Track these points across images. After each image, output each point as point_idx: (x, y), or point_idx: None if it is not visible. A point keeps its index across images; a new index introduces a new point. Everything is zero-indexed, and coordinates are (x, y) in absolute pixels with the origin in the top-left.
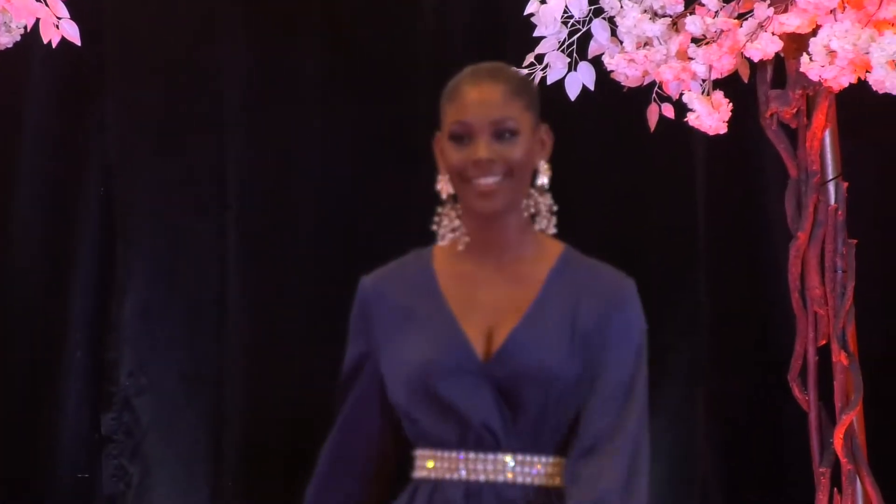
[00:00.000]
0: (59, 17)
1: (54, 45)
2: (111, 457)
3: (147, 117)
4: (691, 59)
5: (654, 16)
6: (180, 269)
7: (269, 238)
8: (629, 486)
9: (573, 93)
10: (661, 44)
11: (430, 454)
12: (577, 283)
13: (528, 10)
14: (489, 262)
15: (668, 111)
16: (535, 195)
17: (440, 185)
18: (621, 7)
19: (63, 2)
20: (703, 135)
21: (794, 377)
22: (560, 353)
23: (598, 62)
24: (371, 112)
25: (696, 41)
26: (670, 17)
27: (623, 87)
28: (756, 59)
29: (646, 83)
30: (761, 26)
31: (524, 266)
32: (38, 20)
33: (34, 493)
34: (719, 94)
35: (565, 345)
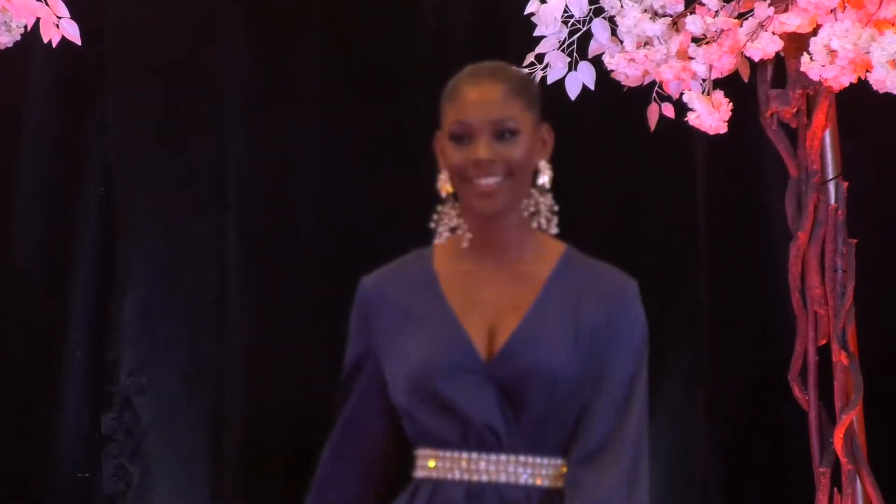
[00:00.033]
0: (60, 17)
1: (54, 45)
2: (111, 456)
3: (147, 117)
4: (691, 58)
5: (655, 15)
6: (180, 269)
7: (269, 238)
8: (631, 493)
9: (573, 92)
10: (661, 43)
11: (431, 454)
12: (580, 283)
13: (528, 10)
14: (490, 262)
15: (669, 111)
16: (535, 195)
17: (440, 184)
18: (621, 6)
19: (63, 1)
20: (704, 134)
21: (795, 377)
22: (563, 352)
23: (598, 62)
24: (371, 112)
25: (696, 41)
26: (670, 16)
27: (623, 86)
28: (756, 59)
29: (646, 83)
30: (762, 26)
31: (525, 266)
32: (38, 20)
33: (34, 493)
34: (719, 94)
35: (568, 344)
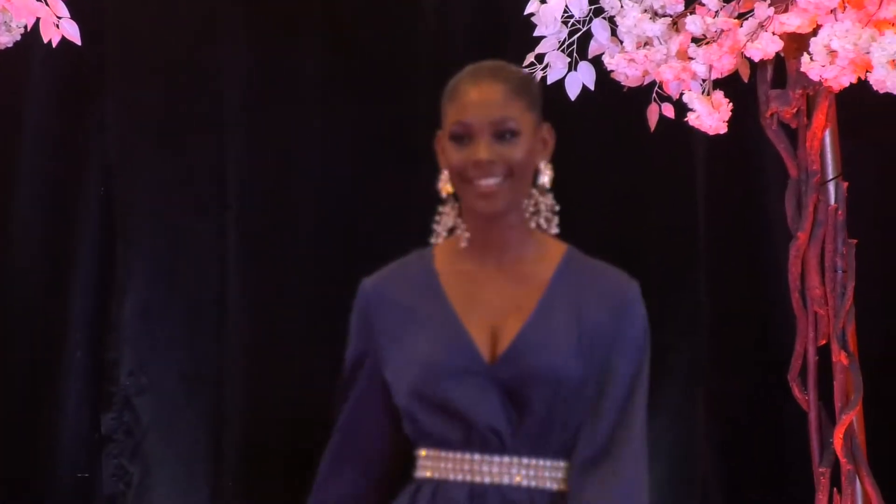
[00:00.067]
0: (60, 17)
1: (54, 45)
2: (111, 456)
3: (147, 117)
4: (691, 58)
5: (655, 15)
6: (180, 269)
7: (269, 238)
8: (631, 495)
9: (573, 93)
10: (661, 43)
11: (433, 454)
12: (582, 285)
13: (528, 10)
14: (491, 262)
15: (669, 111)
16: (535, 195)
17: (441, 184)
18: (621, 7)
19: (63, 1)
20: (704, 135)
21: (794, 377)
22: (567, 354)
23: (598, 62)
24: (371, 112)
25: (696, 41)
26: (670, 16)
27: (623, 86)
28: (756, 59)
29: (646, 83)
30: (762, 26)
31: (526, 266)
32: (38, 20)
33: (34, 493)
34: (719, 94)
35: (572, 347)
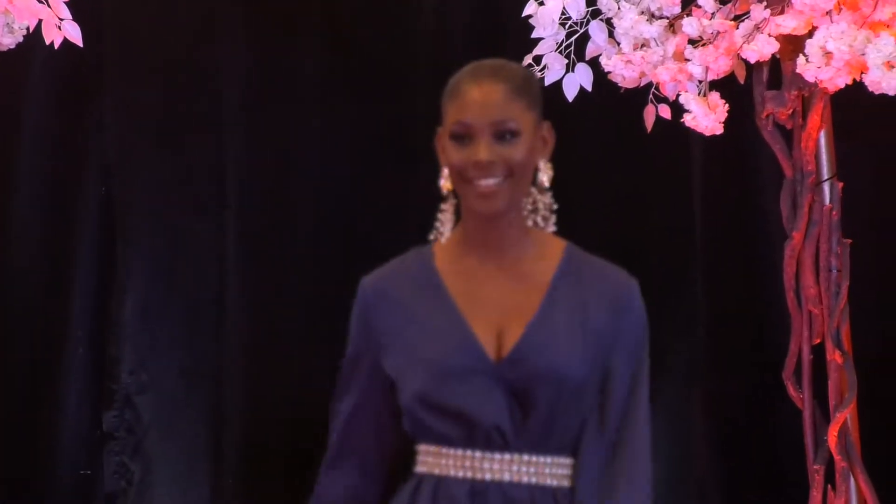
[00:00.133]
0: (62, 19)
1: (56, 47)
2: (113, 454)
3: (146, 117)
4: (688, 60)
5: (651, 17)
6: (179, 269)
7: (268, 238)
8: (641, 493)
9: (571, 94)
10: (657, 45)
11: (434, 450)
12: (585, 284)
13: (525, 12)
14: (491, 261)
15: (665, 112)
16: (534, 193)
17: (442, 180)
18: (619, 9)
19: (63, 2)
20: (700, 136)
21: (789, 375)
22: (572, 354)
23: (595, 63)
24: (371, 112)
25: (692, 42)
26: (667, 18)
27: (620, 88)
28: (752, 61)
29: (643, 84)
30: (758, 28)
31: (527, 265)
32: (40, 21)
33: (35, 492)
34: (716, 95)
35: (577, 346)
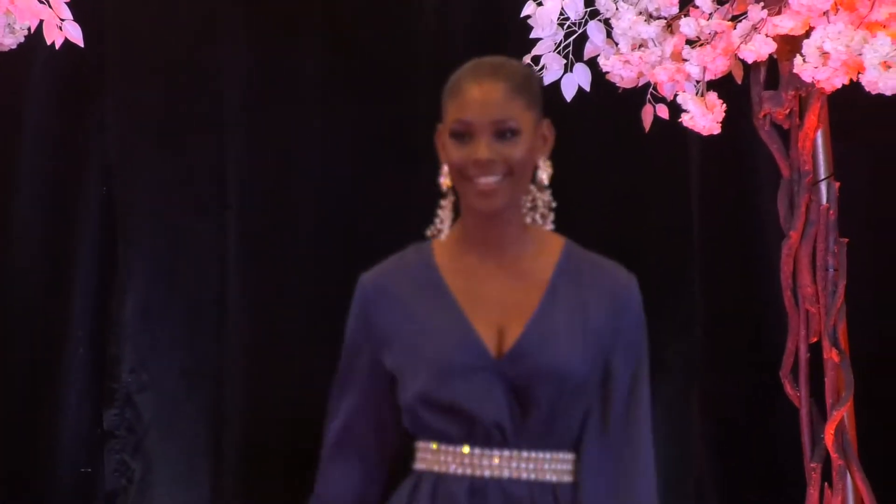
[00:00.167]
0: (63, 19)
1: (57, 47)
2: (113, 452)
3: (147, 117)
4: (685, 60)
5: (649, 18)
6: (180, 269)
7: (269, 238)
8: (646, 489)
9: (569, 94)
10: (655, 45)
11: (433, 447)
12: (584, 281)
13: (524, 13)
14: (491, 258)
15: (663, 112)
16: (534, 191)
17: (442, 177)
18: (617, 9)
19: (64, 2)
20: (697, 135)
21: (786, 374)
22: (572, 351)
23: (593, 63)
24: (371, 112)
25: (690, 43)
26: (665, 18)
27: (618, 88)
28: (750, 61)
29: (641, 84)
30: (755, 28)
31: (526, 262)
32: (41, 22)
33: (35, 491)
34: (713, 95)
35: (577, 343)
